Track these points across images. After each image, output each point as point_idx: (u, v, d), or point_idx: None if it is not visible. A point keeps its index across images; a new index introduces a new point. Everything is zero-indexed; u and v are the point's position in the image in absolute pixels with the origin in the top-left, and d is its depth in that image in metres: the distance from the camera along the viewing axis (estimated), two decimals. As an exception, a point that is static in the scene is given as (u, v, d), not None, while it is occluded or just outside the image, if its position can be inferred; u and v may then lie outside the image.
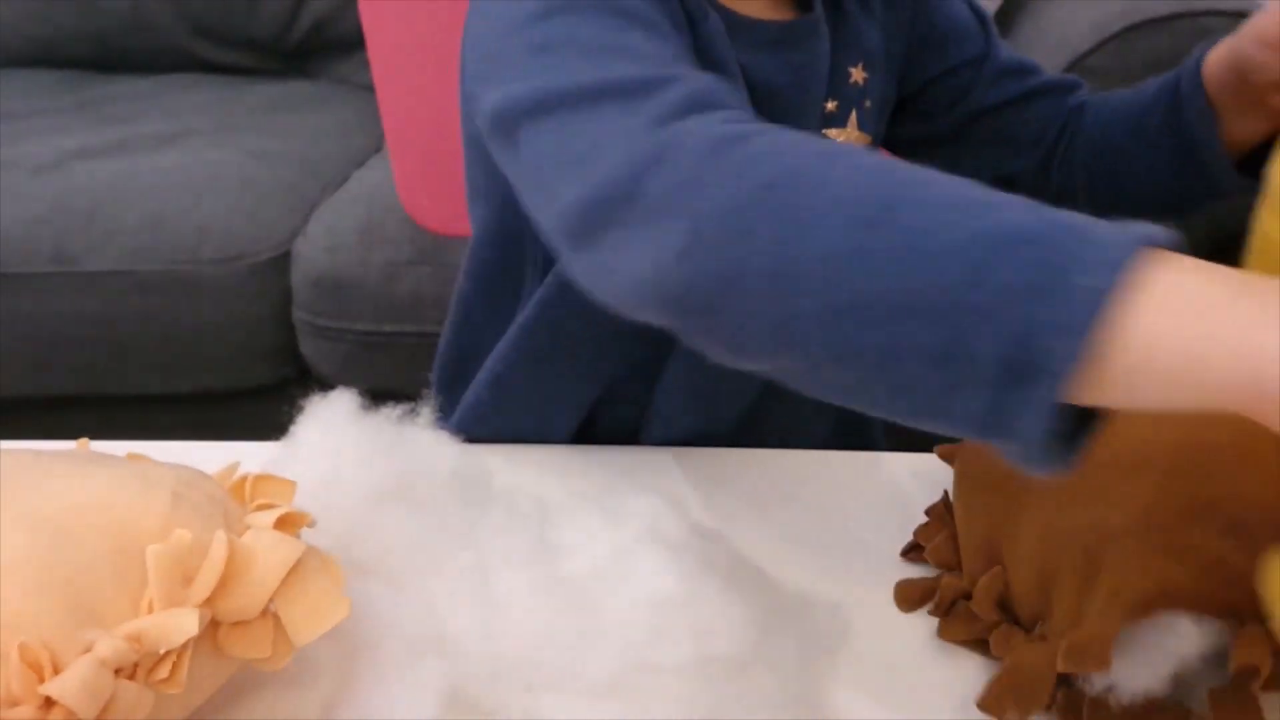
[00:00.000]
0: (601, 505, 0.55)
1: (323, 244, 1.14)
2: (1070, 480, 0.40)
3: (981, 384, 0.35)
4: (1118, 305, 0.33)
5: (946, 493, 0.61)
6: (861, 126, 0.68)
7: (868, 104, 0.69)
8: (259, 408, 1.24)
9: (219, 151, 1.30)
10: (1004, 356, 0.34)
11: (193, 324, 1.16)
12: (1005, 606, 0.53)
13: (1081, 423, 0.36)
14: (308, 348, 1.18)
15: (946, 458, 0.62)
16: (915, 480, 0.65)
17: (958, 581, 0.55)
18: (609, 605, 0.47)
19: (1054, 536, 0.50)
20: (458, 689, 0.47)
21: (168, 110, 1.46)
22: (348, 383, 1.18)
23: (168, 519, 0.45)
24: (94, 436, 0.67)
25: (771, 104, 0.63)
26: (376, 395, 1.17)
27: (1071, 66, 1.07)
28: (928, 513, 0.61)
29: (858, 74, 0.68)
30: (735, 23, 0.62)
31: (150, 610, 0.43)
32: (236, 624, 0.45)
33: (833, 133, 0.67)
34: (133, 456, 0.55)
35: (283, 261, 1.17)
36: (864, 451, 0.70)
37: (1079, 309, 0.33)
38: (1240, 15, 1.06)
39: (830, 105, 0.67)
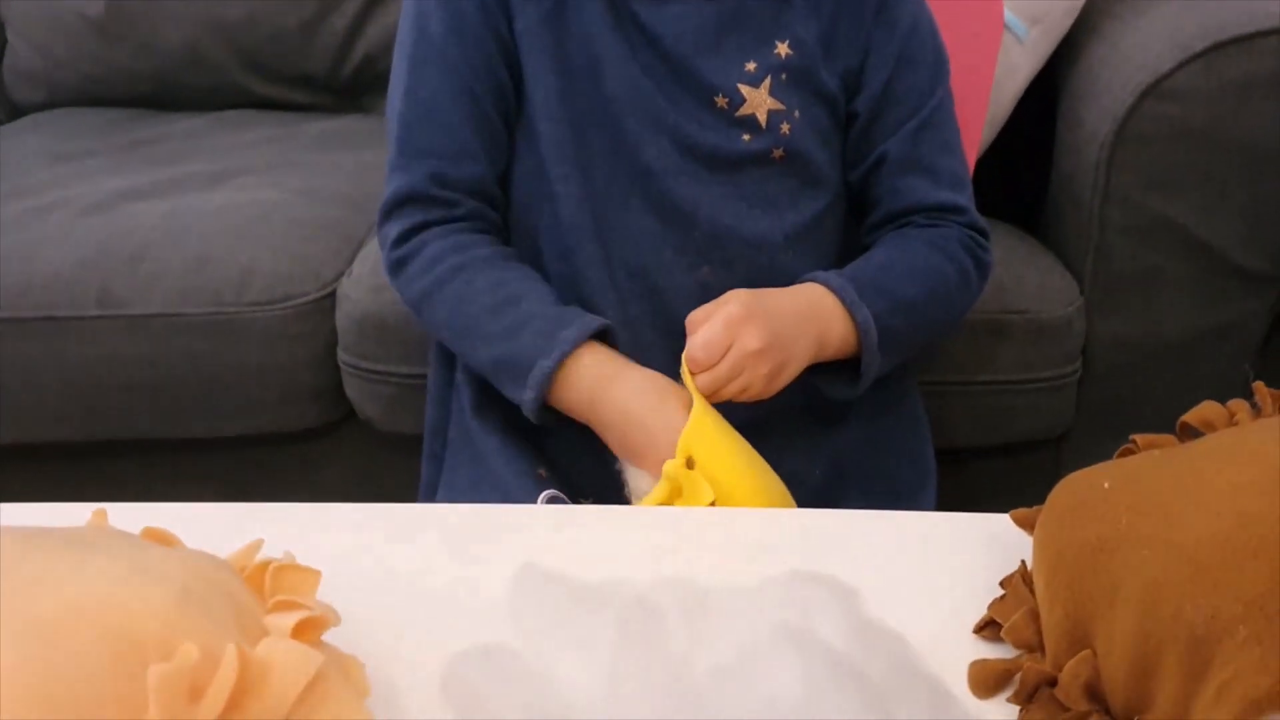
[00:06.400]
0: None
1: (367, 284, 1.11)
2: (1177, 558, 0.44)
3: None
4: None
5: (1024, 563, 0.55)
6: (773, 93, 0.82)
7: (784, 77, 0.83)
8: (305, 450, 1.21)
9: (268, 191, 1.27)
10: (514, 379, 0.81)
11: (237, 367, 1.13)
12: (1095, 695, 0.47)
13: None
14: (353, 391, 1.15)
15: (1023, 524, 0.56)
16: (987, 544, 0.59)
17: (1041, 665, 0.49)
18: None
19: (1156, 620, 0.44)
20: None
21: (220, 148, 1.44)
22: (393, 426, 1.15)
23: (173, 623, 0.41)
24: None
25: (678, 46, 0.81)
26: (420, 439, 1.14)
27: (1153, 87, 1.01)
28: (1003, 584, 0.56)
29: (783, 48, 0.83)
30: None
31: (152, 727, 0.39)
32: (247, 737, 0.41)
33: (745, 89, 0.82)
34: (148, 534, 0.51)
35: (327, 303, 1.13)
36: (926, 512, 0.67)
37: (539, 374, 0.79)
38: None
39: (750, 65, 0.82)
